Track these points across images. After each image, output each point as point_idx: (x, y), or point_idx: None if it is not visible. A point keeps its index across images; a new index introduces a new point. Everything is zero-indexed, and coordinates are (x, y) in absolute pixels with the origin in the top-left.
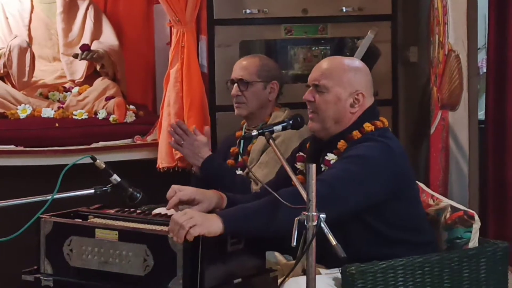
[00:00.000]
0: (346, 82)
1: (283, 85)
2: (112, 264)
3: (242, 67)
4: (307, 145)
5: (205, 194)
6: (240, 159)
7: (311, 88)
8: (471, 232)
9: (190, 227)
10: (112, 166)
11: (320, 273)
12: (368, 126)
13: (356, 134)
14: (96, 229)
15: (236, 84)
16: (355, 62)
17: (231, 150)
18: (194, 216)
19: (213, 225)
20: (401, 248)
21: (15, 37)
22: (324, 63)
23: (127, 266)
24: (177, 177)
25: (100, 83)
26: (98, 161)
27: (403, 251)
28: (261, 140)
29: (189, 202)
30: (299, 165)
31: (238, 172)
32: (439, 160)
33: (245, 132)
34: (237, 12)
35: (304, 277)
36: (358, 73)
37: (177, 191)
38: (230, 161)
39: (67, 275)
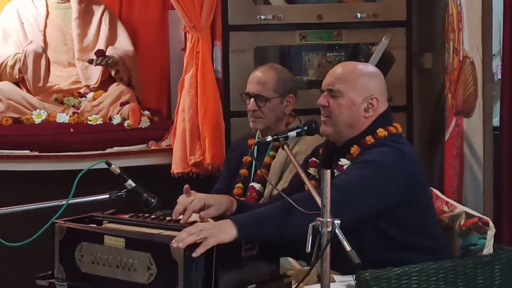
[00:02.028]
0: (360, 87)
1: (297, 92)
2: (119, 271)
3: (260, 81)
4: (320, 151)
5: (215, 198)
6: (257, 170)
7: (325, 93)
8: (485, 238)
9: (202, 240)
10: (126, 172)
11: (334, 280)
12: (381, 132)
13: (369, 139)
14: (105, 236)
15: (253, 99)
16: (369, 67)
17: (243, 159)
18: (205, 228)
19: (226, 234)
20: (414, 253)
21: (30, 43)
22: (338, 68)
23: (132, 274)
24: (191, 182)
25: (115, 88)
26: (113, 166)
27: (416, 257)
28: (281, 156)
29: (201, 209)
30: (311, 170)
31: (256, 185)
32: (454, 166)
33: (258, 139)
34: (251, 18)
35: (318, 285)
36: (372, 78)
37: (187, 206)
38: (243, 171)
39: (78, 280)
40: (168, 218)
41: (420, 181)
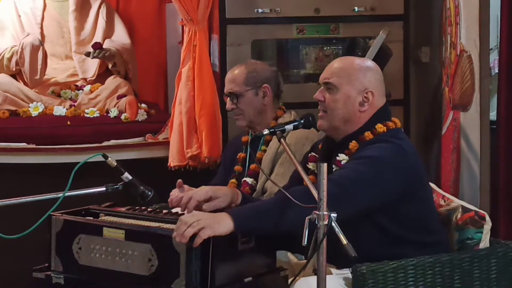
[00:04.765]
0: (355, 80)
1: (279, 84)
2: (119, 263)
3: (230, 79)
4: (319, 146)
5: (221, 190)
6: (250, 165)
7: (322, 87)
8: (482, 232)
9: (199, 230)
10: (123, 165)
11: (331, 273)
12: (380, 127)
13: (368, 135)
14: (104, 228)
15: (228, 98)
16: (366, 61)
17: (238, 156)
18: (202, 218)
19: (222, 226)
20: (412, 248)
21: (27, 35)
22: (335, 63)
23: (132, 266)
24: (188, 175)
25: (112, 81)
26: (109, 159)
27: (414, 251)
28: (272, 149)
29: (206, 201)
30: (310, 165)
31: (248, 179)
32: (450, 160)
33: (251, 135)
34: (249, 11)
35: (315, 277)
36: (368, 72)
37: (192, 195)
38: (237, 167)
39: (76, 273)
40: (164, 211)
41: (419, 176)
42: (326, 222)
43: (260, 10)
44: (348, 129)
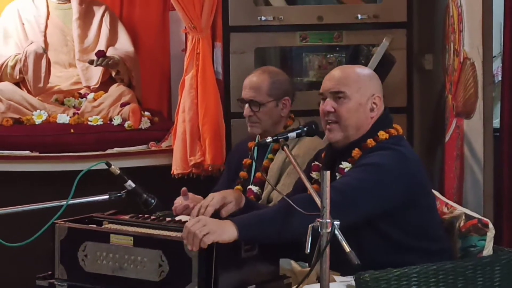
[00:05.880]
0: (362, 88)
1: (295, 94)
2: (127, 269)
3: (253, 87)
4: (323, 154)
5: (232, 194)
6: (256, 173)
7: (327, 99)
8: (485, 240)
9: (204, 235)
10: (126, 172)
11: (334, 281)
12: (382, 134)
13: (370, 142)
14: (111, 235)
15: (247, 105)
16: (365, 69)
17: (243, 162)
18: (207, 223)
19: (227, 232)
20: (415, 255)
21: (31, 43)
22: (337, 73)
23: (142, 272)
24: (191, 183)
25: (116, 89)
26: (113, 167)
27: (417, 259)
28: (279, 158)
29: (221, 206)
30: (314, 174)
31: (254, 188)
32: (454, 168)
33: (258, 141)
34: (252, 19)
35: (318, 285)
36: (372, 78)
37: (209, 203)
38: (242, 173)
39: (81, 280)
40: (168, 218)
41: (422, 183)
42: (329, 230)
43: (263, 18)
44: (357, 135)
